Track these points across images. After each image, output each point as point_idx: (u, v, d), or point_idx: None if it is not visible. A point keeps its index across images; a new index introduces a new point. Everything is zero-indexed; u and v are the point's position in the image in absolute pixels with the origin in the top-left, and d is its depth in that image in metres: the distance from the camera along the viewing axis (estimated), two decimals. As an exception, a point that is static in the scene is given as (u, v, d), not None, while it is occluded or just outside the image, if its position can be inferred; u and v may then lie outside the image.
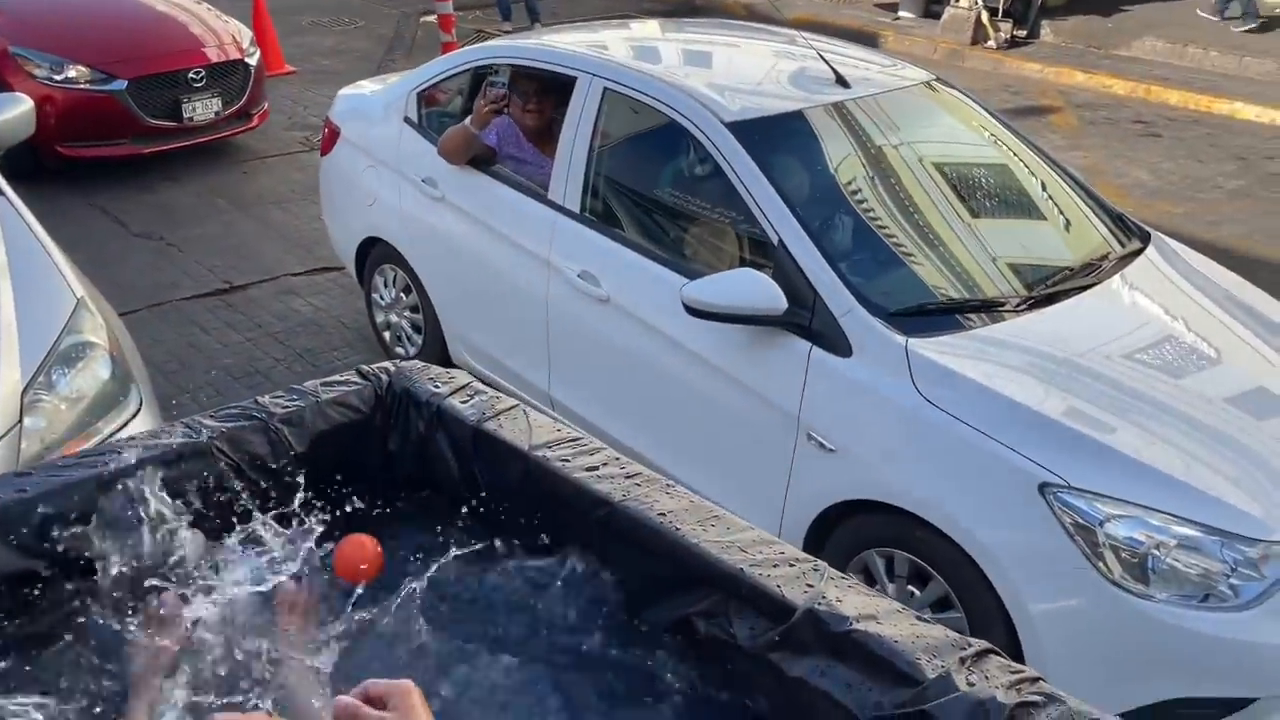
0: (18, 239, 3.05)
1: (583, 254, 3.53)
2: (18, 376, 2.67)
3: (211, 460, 1.82)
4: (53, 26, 6.46)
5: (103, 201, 6.26)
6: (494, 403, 1.95)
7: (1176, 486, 2.51)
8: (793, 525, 3.03)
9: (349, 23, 11.30)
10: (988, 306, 3.06)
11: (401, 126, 4.33)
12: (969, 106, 3.96)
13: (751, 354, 3.06)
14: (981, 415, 2.65)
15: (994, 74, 10.25)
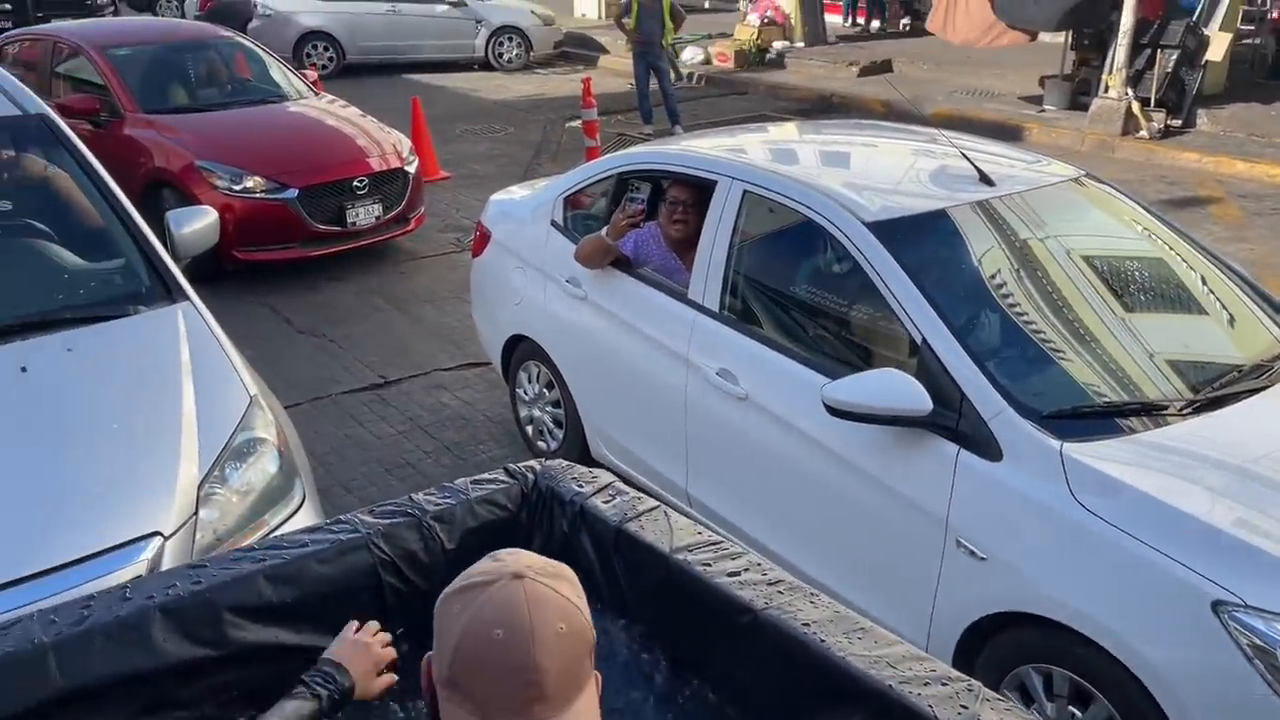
0: (200, 339, 3.28)
1: (721, 352, 3.56)
2: (195, 471, 2.84)
3: (368, 555, 1.90)
4: (233, 141, 7.02)
5: (271, 301, 6.69)
6: (635, 503, 1.98)
7: (1369, 608, 2.30)
8: (941, 636, 2.91)
9: (498, 130, 11.89)
10: (1149, 409, 2.92)
11: (548, 229, 4.50)
12: (1120, 201, 3.85)
13: (895, 456, 3.00)
14: (1146, 526, 2.51)
15: (1147, 165, 9.94)
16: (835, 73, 14.34)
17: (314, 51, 14.99)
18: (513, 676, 1.17)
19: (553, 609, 1.21)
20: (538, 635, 1.18)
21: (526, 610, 1.20)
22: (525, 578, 1.23)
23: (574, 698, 1.20)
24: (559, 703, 1.18)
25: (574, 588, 1.26)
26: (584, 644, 1.22)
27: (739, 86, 14.35)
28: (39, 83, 7.41)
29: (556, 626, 1.20)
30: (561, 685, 1.19)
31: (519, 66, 16.02)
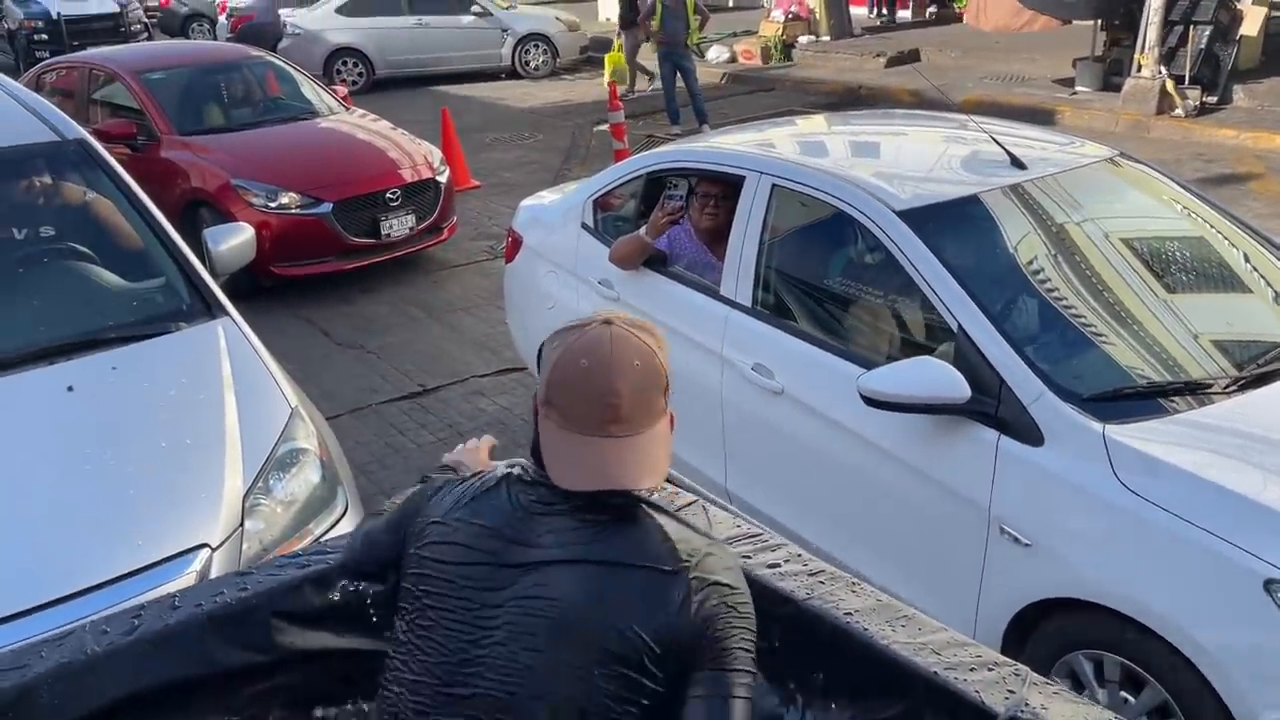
0: (240, 353, 3.34)
1: (756, 347, 3.55)
2: (240, 483, 2.89)
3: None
4: (267, 158, 7.12)
5: (309, 314, 6.77)
6: (673, 498, 1.98)
7: None
8: (988, 625, 2.88)
9: (528, 137, 11.95)
10: (1192, 388, 2.87)
11: (579, 232, 4.51)
12: (1157, 180, 3.79)
13: (935, 444, 2.97)
14: (1193, 506, 2.47)
15: (1184, 143, 9.78)
16: (862, 65, 14.25)
17: (344, 68, 15.15)
18: (594, 398, 1.45)
19: (632, 347, 1.48)
20: (616, 366, 1.46)
21: (609, 347, 1.47)
22: (613, 324, 1.51)
23: (646, 425, 1.47)
24: (632, 425, 1.46)
25: (655, 337, 1.52)
26: (657, 379, 1.49)
27: (766, 83, 14.31)
28: (76, 109, 7.55)
29: (633, 362, 1.47)
30: (635, 411, 1.46)
31: (546, 73, 16.09)
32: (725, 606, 1.44)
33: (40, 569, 2.49)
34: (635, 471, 1.46)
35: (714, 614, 1.43)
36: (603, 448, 1.45)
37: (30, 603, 2.41)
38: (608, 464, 1.45)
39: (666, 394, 1.51)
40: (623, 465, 1.45)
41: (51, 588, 2.45)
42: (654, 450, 1.48)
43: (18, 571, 2.48)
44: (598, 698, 1.40)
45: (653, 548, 1.46)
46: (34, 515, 2.63)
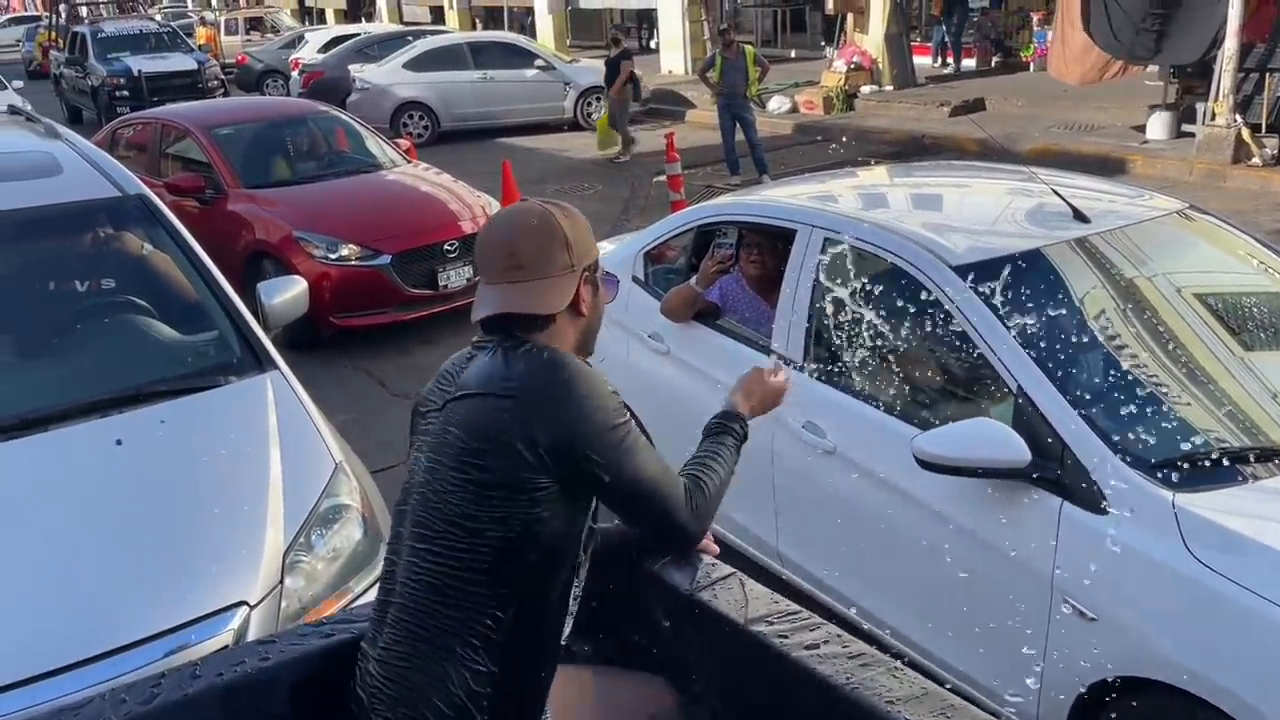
0: (287, 407, 3.34)
1: (807, 404, 3.45)
2: (281, 539, 2.87)
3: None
4: (328, 211, 7.24)
5: (366, 365, 6.83)
6: (710, 570, 1.90)
7: None
8: (1052, 703, 2.72)
9: (587, 188, 12.05)
10: (1270, 455, 2.71)
11: (630, 286, 4.48)
12: (1231, 233, 3.64)
13: (994, 510, 2.84)
14: (1272, 583, 2.31)
15: (1263, 193, 9.48)
16: (926, 114, 14.15)
17: (410, 121, 15.49)
18: (494, 249, 1.82)
19: (534, 212, 1.82)
20: (515, 224, 1.82)
21: (514, 210, 1.89)
22: (526, 199, 1.88)
23: (541, 273, 1.77)
24: (528, 271, 1.77)
25: (566, 212, 1.85)
26: (553, 235, 1.79)
27: (828, 133, 14.27)
28: (149, 164, 7.81)
29: (531, 221, 1.80)
30: (529, 260, 1.77)
31: (608, 125, 16.25)
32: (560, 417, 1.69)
33: (76, 626, 2.48)
34: (521, 302, 1.76)
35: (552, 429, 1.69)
36: (501, 290, 1.79)
37: (65, 660, 2.39)
38: (499, 298, 1.78)
39: (571, 254, 1.79)
40: (509, 298, 1.77)
41: (86, 645, 2.43)
42: (547, 292, 1.77)
43: (54, 628, 2.47)
44: (472, 508, 1.69)
45: (504, 372, 1.74)
46: (74, 570, 2.63)
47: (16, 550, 2.64)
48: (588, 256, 1.82)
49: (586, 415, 1.69)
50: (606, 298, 1.90)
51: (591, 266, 1.83)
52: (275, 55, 21.40)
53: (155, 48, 19.22)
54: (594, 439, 1.69)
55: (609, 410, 1.72)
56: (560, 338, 1.81)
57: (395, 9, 30.43)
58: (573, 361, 1.74)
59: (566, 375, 1.71)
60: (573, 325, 1.83)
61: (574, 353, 1.83)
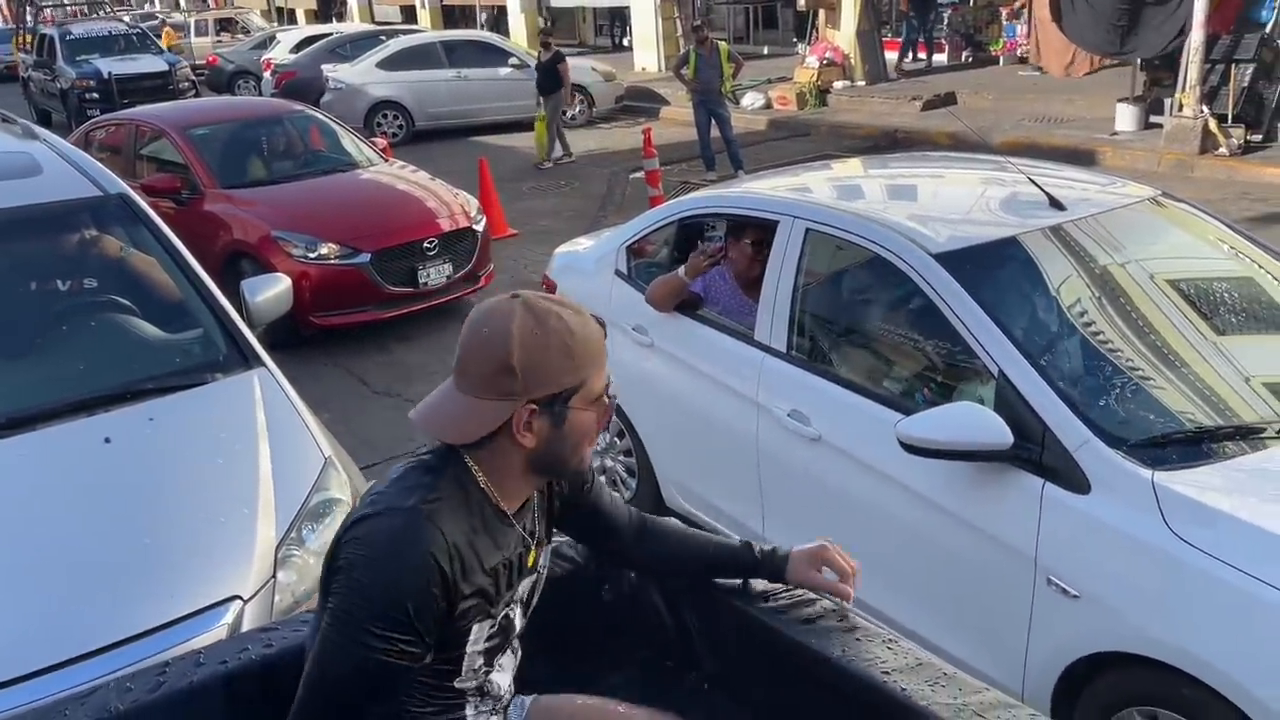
0: (275, 403, 3.34)
1: (791, 393, 3.50)
2: (273, 534, 2.88)
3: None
4: (306, 210, 7.22)
5: (347, 363, 6.82)
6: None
7: None
8: (1038, 680, 2.78)
9: (564, 185, 12.06)
10: (1244, 433, 2.78)
11: (613, 279, 4.51)
12: (1202, 219, 3.71)
13: (977, 492, 2.89)
14: (1247, 556, 2.37)
15: (1229, 182, 9.64)
16: (898, 109, 14.26)
17: (384, 121, 15.44)
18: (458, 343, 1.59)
19: (494, 316, 1.56)
20: (470, 326, 1.58)
21: (481, 309, 1.60)
22: (518, 297, 1.59)
23: (471, 389, 1.55)
24: (463, 381, 1.56)
25: (541, 332, 1.53)
26: (499, 355, 1.53)
27: (802, 128, 14.36)
28: (124, 165, 7.73)
29: (482, 329, 1.56)
30: (467, 368, 1.56)
31: (582, 122, 16.27)
32: (345, 563, 1.52)
33: (70, 623, 2.48)
34: (433, 417, 1.60)
35: (336, 564, 1.55)
36: (440, 392, 1.62)
37: (59, 657, 2.39)
38: (435, 398, 1.62)
39: (515, 380, 1.52)
40: (432, 408, 1.61)
41: (80, 642, 2.43)
42: (468, 416, 1.55)
43: (47, 625, 2.47)
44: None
45: (378, 490, 1.61)
46: (66, 568, 2.63)
47: (7, 549, 2.64)
48: (546, 384, 1.53)
49: (355, 586, 1.50)
50: (590, 427, 1.61)
51: (556, 396, 1.54)
52: (246, 56, 21.25)
53: (125, 49, 19.04)
54: (338, 601, 1.51)
55: (373, 603, 1.49)
56: (505, 459, 1.59)
57: (366, 8, 30.27)
58: (414, 549, 1.50)
59: (389, 551, 1.50)
60: (516, 451, 1.57)
61: (530, 475, 1.63)
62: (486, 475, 1.60)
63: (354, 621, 1.49)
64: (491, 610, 1.61)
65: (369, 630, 1.47)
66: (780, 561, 1.79)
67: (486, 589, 1.58)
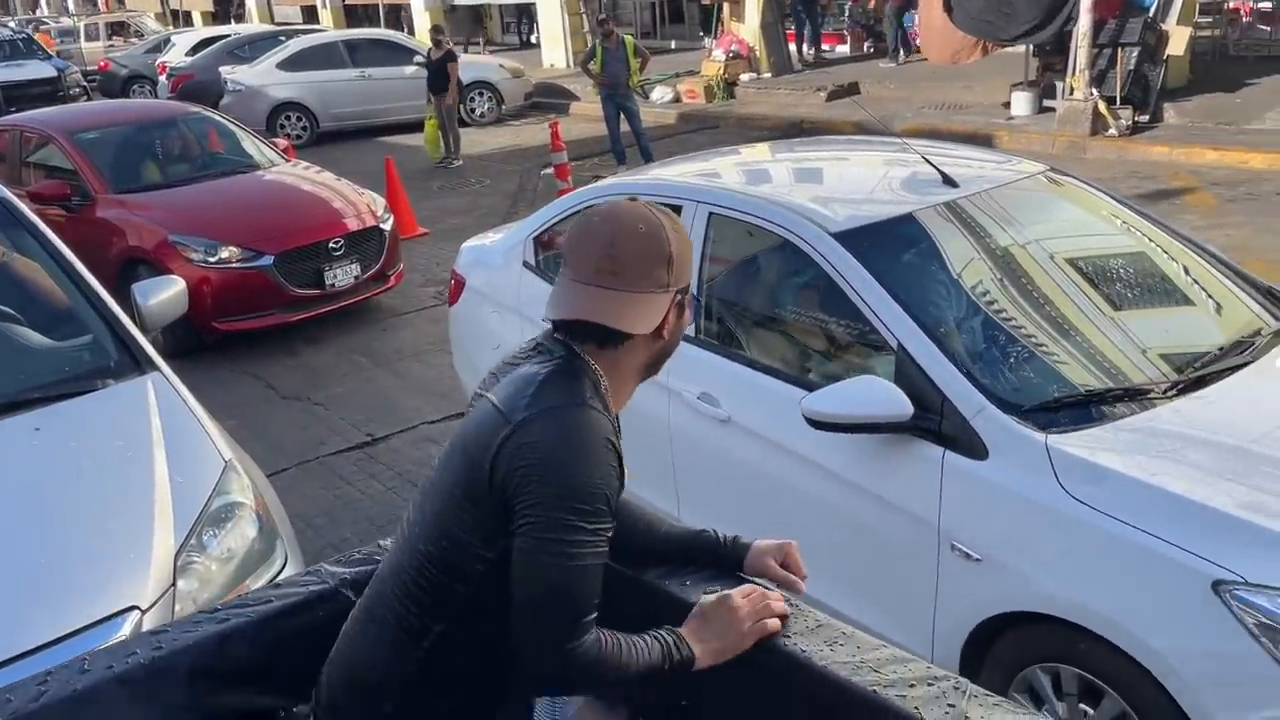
0: (171, 408, 3.24)
1: (701, 376, 3.51)
2: (171, 541, 2.79)
3: (338, 605, 1.84)
4: (205, 213, 7.03)
5: (254, 369, 6.66)
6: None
7: (1373, 575, 2.24)
8: (946, 644, 2.84)
9: (475, 183, 11.95)
10: (1133, 395, 2.88)
11: (521, 271, 4.48)
12: (1091, 194, 3.84)
13: (881, 464, 2.94)
14: (1139, 511, 2.45)
15: (1119, 161, 9.99)
16: (804, 99, 14.45)
17: (287, 123, 15.11)
18: (594, 247, 1.59)
19: (641, 216, 1.62)
20: (621, 225, 1.60)
21: (623, 209, 1.63)
22: (637, 199, 1.68)
23: (637, 286, 1.58)
24: (623, 280, 1.57)
25: (673, 221, 1.64)
26: (659, 249, 1.60)
27: (710, 121, 14.46)
28: (8, 173, 7.45)
29: (638, 226, 1.60)
30: (628, 268, 1.58)
31: (492, 120, 16.15)
32: (526, 468, 1.52)
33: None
34: (604, 312, 1.57)
35: (513, 473, 1.53)
36: (589, 292, 1.58)
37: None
38: (582, 301, 1.58)
39: (671, 271, 1.60)
40: (593, 304, 1.57)
41: (-30, 661, 2.33)
42: (637, 308, 1.58)
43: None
44: (455, 522, 1.61)
45: (528, 395, 1.59)
46: (-49, 585, 2.51)
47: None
48: (685, 277, 1.65)
49: (552, 491, 1.51)
50: (689, 322, 1.72)
51: (686, 289, 1.66)
52: (140, 60, 20.59)
53: (11, 55, 18.34)
54: (541, 511, 1.51)
55: (578, 499, 1.51)
56: (631, 357, 1.65)
57: (265, 9, 29.55)
58: (595, 435, 1.55)
59: (573, 444, 1.53)
60: (648, 347, 1.66)
61: (639, 373, 1.70)
62: (605, 378, 1.65)
63: (564, 525, 1.50)
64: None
65: (581, 528, 1.50)
66: (741, 550, 1.84)
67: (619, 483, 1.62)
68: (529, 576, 1.52)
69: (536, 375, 1.61)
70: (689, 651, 1.58)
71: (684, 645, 1.59)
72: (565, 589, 1.50)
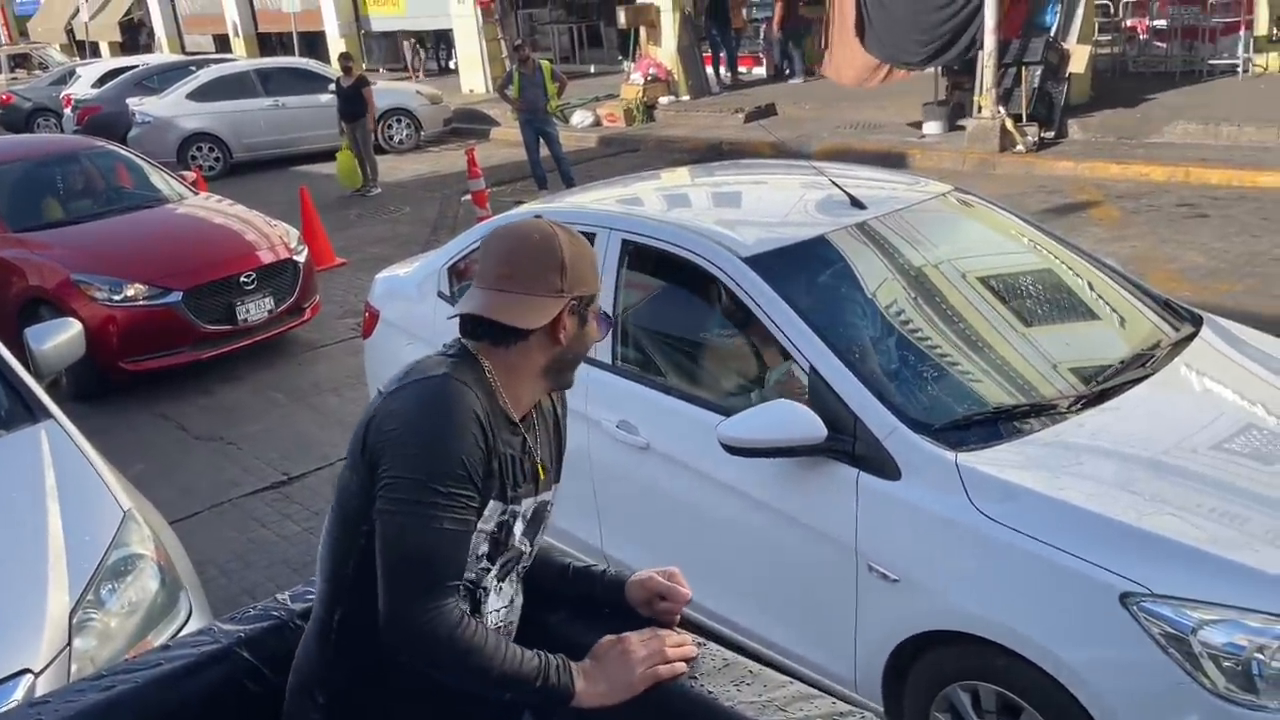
0: (65, 458, 3.11)
1: (619, 404, 3.49)
2: (66, 599, 2.67)
3: (231, 665, 1.77)
4: (109, 251, 6.80)
5: (164, 409, 6.45)
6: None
7: (1272, 582, 2.30)
8: (867, 666, 2.84)
9: (393, 210, 11.80)
10: (1039, 410, 2.92)
11: (435, 302, 4.41)
12: (993, 212, 3.92)
13: (798, 487, 2.94)
14: (1046, 526, 2.49)
15: (1027, 177, 10.26)
16: (722, 121, 14.60)
17: (199, 154, 14.77)
18: (491, 257, 1.72)
19: (538, 227, 1.72)
20: (517, 236, 1.71)
21: (519, 224, 1.74)
22: (540, 216, 1.80)
23: (535, 291, 1.67)
24: (516, 283, 1.67)
25: (572, 236, 1.73)
26: (550, 258, 1.69)
27: (631, 144, 14.51)
28: (-104, 213, 7.12)
29: (533, 236, 1.71)
30: (525, 273, 1.67)
31: (410, 147, 16.00)
32: (388, 433, 1.60)
33: None
34: (496, 309, 1.67)
35: (379, 440, 1.61)
36: (488, 294, 1.69)
37: None
38: (480, 301, 1.69)
39: (565, 278, 1.69)
40: (489, 302, 1.68)
41: None
42: (527, 308, 1.67)
43: None
44: (344, 500, 1.69)
45: (403, 372, 1.70)
46: None
47: None
48: (582, 287, 1.72)
49: (409, 452, 1.58)
50: (595, 336, 1.79)
51: (584, 298, 1.73)
52: (45, 93, 19.97)
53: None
54: (397, 472, 1.58)
55: (435, 463, 1.57)
56: (527, 359, 1.72)
57: (175, 38, 28.96)
58: (457, 403, 1.61)
59: (432, 409, 1.60)
60: (544, 350, 1.72)
61: (541, 379, 1.76)
62: (500, 375, 1.71)
63: (418, 485, 1.56)
64: (504, 494, 1.69)
65: (435, 490, 1.56)
66: (616, 585, 1.86)
67: (502, 467, 1.67)
68: (386, 538, 1.59)
69: (420, 359, 1.72)
70: (568, 681, 1.59)
71: (565, 674, 1.60)
72: (421, 550, 1.57)
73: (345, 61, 13.03)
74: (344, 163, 12.65)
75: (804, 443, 2.83)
